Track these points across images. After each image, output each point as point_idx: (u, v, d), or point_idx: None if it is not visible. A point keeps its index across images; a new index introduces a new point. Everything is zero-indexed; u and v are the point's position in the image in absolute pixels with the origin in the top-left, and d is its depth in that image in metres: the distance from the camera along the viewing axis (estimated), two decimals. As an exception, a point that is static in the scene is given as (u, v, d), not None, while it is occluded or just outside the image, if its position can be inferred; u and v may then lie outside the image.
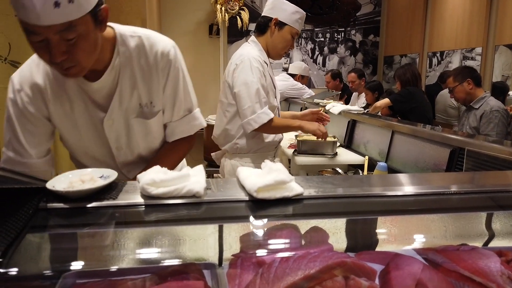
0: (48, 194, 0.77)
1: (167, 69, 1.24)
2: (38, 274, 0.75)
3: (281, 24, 2.08)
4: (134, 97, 1.21)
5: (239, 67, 1.99)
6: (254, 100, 1.94)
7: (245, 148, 2.08)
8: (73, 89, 1.16)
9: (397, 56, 6.13)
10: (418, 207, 0.92)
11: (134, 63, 1.19)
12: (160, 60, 1.21)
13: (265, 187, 0.83)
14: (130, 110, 1.22)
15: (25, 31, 0.96)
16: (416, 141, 2.01)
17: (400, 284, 0.88)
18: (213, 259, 0.88)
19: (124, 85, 1.19)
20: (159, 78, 1.23)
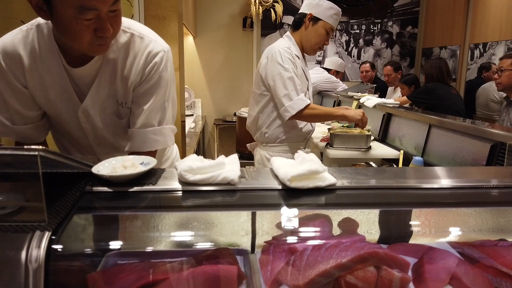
0: (93, 178, 0.82)
1: (149, 72, 1.15)
2: (84, 253, 0.81)
3: (316, 19, 2.11)
4: (111, 92, 1.16)
5: (269, 59, 2.02)
6: (289, 88, 1.96)
7: (273, 138, 2.11)
8: (58, 71, 1.11)
9: (436, 48, 5.90)
10: (454, 200, 0.91)
11: (119, 59, 1.14)
12: (144, 61, 1.15)
13: (298, 177, 0.85)
14: (106, 104, 1.17)
15: (78, 11, 0.94)
16: (455, 135, 1.95)
17: (434, 278, 0.87)
18: (246, 245, 0.91)
19: (104, 78, 1.14)
20: (137, 78, 1.15)
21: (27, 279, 0.61)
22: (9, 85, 1.11)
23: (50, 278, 0.62)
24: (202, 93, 5.52)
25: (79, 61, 1.11)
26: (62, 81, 1.12)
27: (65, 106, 1.16)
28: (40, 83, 1.12)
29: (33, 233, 0.64)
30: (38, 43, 1.10)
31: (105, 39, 1.02)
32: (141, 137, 1.18)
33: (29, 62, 1.10)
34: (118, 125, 1.22)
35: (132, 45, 1.14)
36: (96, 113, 1.17)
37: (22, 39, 1.10)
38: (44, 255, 0.62)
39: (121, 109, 1.18)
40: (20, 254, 0.61)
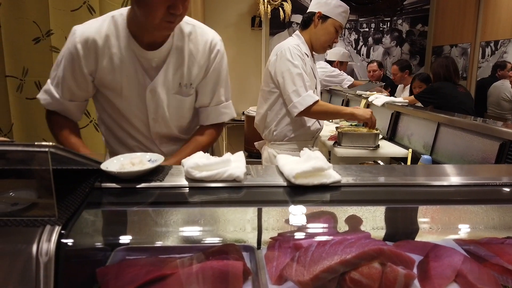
0: (102, 174, 0.84)
1: (214, 59, 1.37)
2: (92, 247, 0.82)
3: (324, 17, 2.12)
4: (177, 75, 1.33)
5: (279, 56, 2.03)
6: (298, 84, 1.97)
7: (281, 136, 2.11)
8: (129, 54, 1.27)
9: (446, 46, 5.85)
10: (460, 198, 0.90)
11: (185, 46, 1.32)
12: (209, 49, 1.35)
13: (303, 174, 0.86)
14: (171, 86, 1.34)
15: None
16: (464, 133, 1.93)
17: (439, 275, 0.87)
18: (252, 242, 0.92)
19: (172, 62, 1.31)
20: (204, 64, 1.36)
21: (38, 272, 0.62)
22: (77, 69, 1.27)
23: (60, 271, 0.64)
24: (211, 92, 5.53)
25: (149, 47, 1.27)
26: (133, 64, 1.28)
27: (133, 85, 1.31)
28: (111, 66, 1.28)
29: (43, 228, 0.66)
30: (112, 31, 1.26)
31: (175, 17, 1.16)
32: (216, 112, 1.44)
33: (102, 48, 1.26)
34: (180, 103, 1.39)
35: (195, 34, 1.34)
36: (163, 92, 1.33)
37: (99, 28, 1.27)
38: (54, 248, 0.63)
39: (185, 90, 1.37)
40: (31, 248, 0.63)
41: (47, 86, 1.33)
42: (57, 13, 1.79)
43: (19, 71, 1.85)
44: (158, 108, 1.36)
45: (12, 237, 0.65)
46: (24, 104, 1.89)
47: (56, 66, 1.32)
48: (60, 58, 1.30)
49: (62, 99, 1.32)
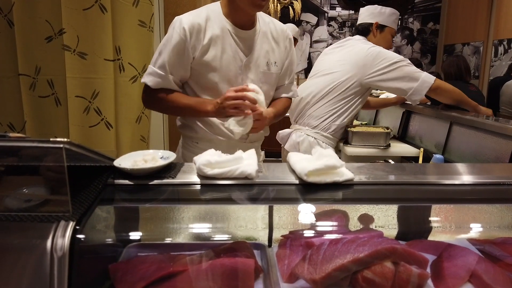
0: (115, 171, 0.85)
1: (290, 44, 1.63)
2: (105, 243, 0.83)
3: (382, 26, 2.25)
4: (265, 54, 1.53)
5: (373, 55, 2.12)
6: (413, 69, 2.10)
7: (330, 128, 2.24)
8: (225, 33, 1.45)
9: (458, 45, 5.78)
10: (474, 197, 0.89)
11: (268, 31, 1.54)
12: (284, 36, 1.59)
13: (316, 171, 0.85)
14: (261, 64, 1.53)
15: None
16: (477, 133, 1.90)
17: (453, 275, 0.86)
18: (263, 239, 0.92)
19: (260, 44, 1.51)
20: (284, 47, 1.60)
21: (52, 267, 0.63)
22: (184, 53, 1.41)
23: (74, 266, 0.64)
24: (220, 91, 5.54)
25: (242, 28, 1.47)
26: (229, 42, 1.46)
27: (230, 60, 1.47)
28: (211, 44, 1.43)
29: (58, 223, 0.66)
30: (209, 16, 1.44)
31: None
32: (289, 88, 1.70)
33: (204, 29, 1.42)
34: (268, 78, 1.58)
35: (273, 23, 1.58)
36: (254, 68, 1.52)
37: (199, 13, 1.44)
38: (69, 243, 0.64)
39: (272, 67, 1.57)
40: (45, 243, 0.64)
41: (150, 70, 1.45)
42: (70, 12, 1.80)
43: (32, 70, 1.87)
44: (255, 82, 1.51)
45: (27, 233, 0.66)
46: (37, 102, 1.90)
47: (160, 52, 1.44)
48: (164, 44, 1.43)
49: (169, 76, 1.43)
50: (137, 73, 1.95)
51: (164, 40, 1.46)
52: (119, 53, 1.90)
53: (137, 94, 1.96)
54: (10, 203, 0.74)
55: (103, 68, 1.87)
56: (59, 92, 1.90)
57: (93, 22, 1.81)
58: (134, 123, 2.00)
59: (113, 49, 1.87)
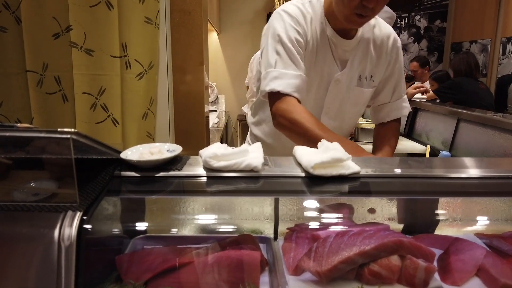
0: (122, 163, 0.85)
1: (395, 55, 1.37)
2: (112, 234, 0.83)
3: None
4: (360, 67, 1.34)
5: None
6: None
7: None
8: (323, 39, 1.28)
9: (466, 43, 5.73)
10: (482, 190, 0.88)
11: (370, 39, 1.33)
12: (390, 44, 1.36)
13: (322, 164, 0.85)
14: (353, 77, 1.34)
15: None
16: (485, 129, 1.89)
17: (461, 269, 0.86)
18: (269, 232, 0.92)
19: (359, 53, 1.33)
20: (385, 59, 1.36)
21: (59, 256, 0.63)
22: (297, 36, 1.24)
23: (81, 256, 0.65)
24: (226, 89, 5.56)
25: (342, 35, 1.29)
26: (325, 50, 1.29)
27: (320, 71, 1.31)
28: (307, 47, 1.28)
29: (65, 213, 0.67)
30: (311, 14, 1.28)
31: (367, 11, 1.14)
32: (397, 106, 1.44)
33: (305, 27, 1.26)
34: (359, 95, 1.38)
35: (378, 27, 1.35)
36: (346, 83, 1.34)
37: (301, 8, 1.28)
38: (76, 233, 0.64)
39: (365, 82, 1.37)
40: (53, 232, 0.64)
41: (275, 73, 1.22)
42: (77, 9, 1.81)
43: (39, 66, 1.88)
44: (335, 99, 1.35)
45: (35, 222, 0.67)
46: (44, 99, 1.92)
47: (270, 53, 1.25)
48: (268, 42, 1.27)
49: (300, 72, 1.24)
50: (143, 69, 1.96)
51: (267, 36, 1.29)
52: (125, 50, 1.91)
53: (143, 90, 1.97)
54: (18, 197, 0.74)
55: (109, 64, 1.88)
56: (66, 89, 1.91)
57: (100, 19, 1.82)
58: (141, 119, 2.01)
59: (119, 45, 1.88)
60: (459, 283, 0.82)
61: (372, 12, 1.15)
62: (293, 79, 1.21)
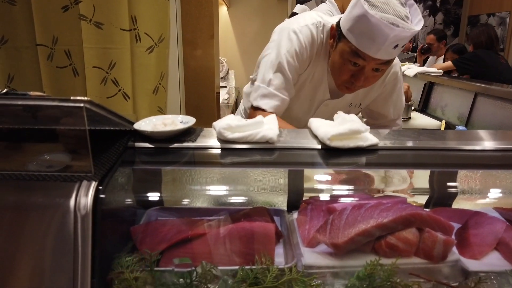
0: (135, 134, 0.84)
1: (391, 86, 1.41)
2: (127, 205, 0.83)
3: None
4: (353, 98, 1.39)
5: None
6: None
7: None
8: (322, 67, 1.31)
9: (483, 16, 5.54)
10: (500, 162, 0.86)
11: None
12: (389, 75, 1.38)
13: (339, 136, 0.83)
14: (342, 105, 1.40)
15: (349, 54, 1.14)
16: (503, 103, 1.84)
17: (480, 243, 0.84)
18: (283, 205, 0.91)
19: None
20: (378, 90, 1.40)
21: (76, 225, 0.63)
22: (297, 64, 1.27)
23: (97, 225, 0.64)
24: (236, 65, 5.49)
25: None
26: (323, 76, 1.33)
27: (314, 93, 1.36)
28: (306, 76, 1.32)
29: (80, 183, 0.66)
30: (321, 40, 1.28)
31: (355, 86, 1.21)
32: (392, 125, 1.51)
33: (309, 56, 1.28)
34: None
35: None
36: (333, 107, 1.38)
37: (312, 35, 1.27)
38: (92, 203, 0.64)
39: (353, 109, 1.44)
40: (69, 202, 0.64)
41: (265, 91, 1.27)
42: (85, -20, 1.77)
43: (49, 40, 1.86)
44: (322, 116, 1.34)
45: (51, 192, 0.66)
46: (55, 73, 1.90)
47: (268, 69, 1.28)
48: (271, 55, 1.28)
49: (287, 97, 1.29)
50: (153, 43, 1.93)
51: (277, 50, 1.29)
52: (135, 23, 1.88)
53: (153, 64, 1.94)
54: (33, 169, 0.74)
55: (119, 38, 1.85)
56: (76, 63, 1.89)
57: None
58: (151, 94, 1.99)
59: (129, 18, 1.84)
60: (478, 257, 0.81)
61: (362, 86, 1.23)
62: (279, 102, 1.27)
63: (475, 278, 0.73)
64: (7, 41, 1.85)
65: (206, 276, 0.70)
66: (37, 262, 0.63)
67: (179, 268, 0.72)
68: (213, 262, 0.74)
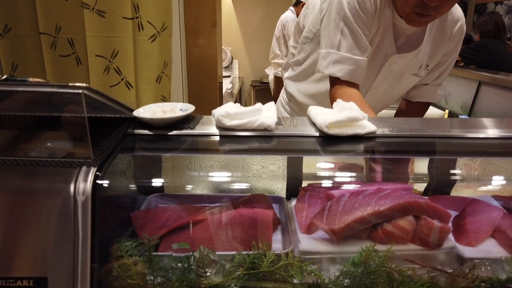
0: (135, 121, 0.85)
1: (456, 43, 1.27)
2: (127, 191, 0.84)
3: None
4: (421, 57, 1.25)
5: None
6: None
7: None
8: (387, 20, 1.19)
9: (490, 4, 5.45)
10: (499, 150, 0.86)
11: (436, 24, 1.22)
12: (455, 31, 1.24)
13: (337, 123, 0.83)
14: (411, 66, 1.26)
15: None
16: (507, 93, 1.82)
17: (476, 230, 0.85)
18: (282, 192, 0.92)
19: (425, 43, 1.22)
20: (445, 45, 1.26)
21: (75, 210, 0.65)
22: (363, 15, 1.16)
23: (97, 211, 0.65)
24: (240, 54, 5.47)
25: None
26: (385, 32, 1.19)
27: (375, 50, 1.22)
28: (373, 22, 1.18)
29: (79, 169, 0.67)
30: None
31: (429, 10, 1.04)
32: (433, 91, 1.37)
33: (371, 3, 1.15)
34: (411, 83, 1.32)
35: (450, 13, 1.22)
36: (400, 69, 1.26)
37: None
38: (91, 188, 0.65)
39: (422, 72, 1.29)
40: (69, 187, 0.65)
41: (336, 56, 1.17)
42: (87, -32, 1.77)
43: (52, 28, 1.87)
44: (385, 81, 1.29)
45: (51, 177, 0.67)
46: (58, 62, 1.92)
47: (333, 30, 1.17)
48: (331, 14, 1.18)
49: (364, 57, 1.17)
50: (156, 32, 1.93)
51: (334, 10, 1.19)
52: (137, 11, 1.87)
53: (156, 53, 1.94)
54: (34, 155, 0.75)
55: (122, 26, 1.85)
56: (79, 51, 1.90)
57: None
58: (155, 83, 1.99)
59: (131, 6, 1.84)
60: (474, 244, 0.81)
61: (435, 11, 1.04)
62: (355, 65, 1.15)
63: (469, 265, 0.73)
64: (11, 30, 1.86)
65: (204, 261, 0.72)
66: (38, 246, 0.64)
67: (177, 253, 0.73)
68: (212, 247, 0.75)
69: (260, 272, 0.71)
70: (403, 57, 1.22)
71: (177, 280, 0.70)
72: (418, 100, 1.39)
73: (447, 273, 0.74)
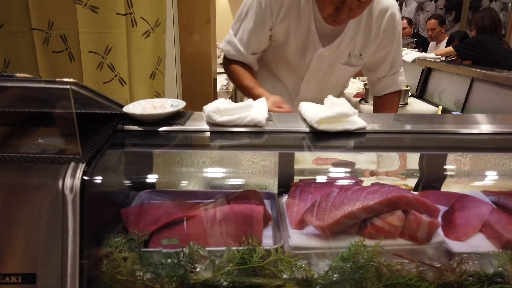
0: (125, 117, 0.85)
1: (391, 32, 1.31)
2: (116, 187, 0.84)
3: None
4: (350, 45, 1.31)
5: None
6: None
7: None
8: (307, 16, 1.26)
9: (485, 1, 5.47)
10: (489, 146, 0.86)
11: (363, 16, 1.26)
12: (386, 19, 1.28)
13: (327, 119, 0.83)
14: (340, 56, 1.33)
15: None
16: (500, 89, 1.83)
17: (465, 224, 0.85)
18: (272, 188, 0.92)
19: (349, 31, 1.28)
20: (378, 35, 1.31)
21: (64, 207, 0.64)
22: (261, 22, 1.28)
23: (86, 207, 0.65)
24: (235, 51, 5.45)
25: None
26: (308, 27, 1.27)
27: (302, 46, 1.31)
28: (288, 25, 1.27)
29: (68, 165, 0.67)
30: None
31: (339, 18, 1.16)
32: (393, 80, 1.43)
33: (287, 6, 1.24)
34: (344, 72, 1.39)
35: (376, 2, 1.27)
36: (330, 60, 1.33)
37: None
38: (79, 184, 0.65)
39: (353, 60, 1.35)
40: (57, 183, 0.65)
41: (230, 38, 1.40)
42: (79, -37, 1.76)
43: (45, 24, 1.85)
44: (317, 73, 1.37)
45: (40, 173, 0.67)
46: (51, 58, 1.90)
47: (240, 19, 1.35)
48: (245, 11, 1.32)
49: (246, 52, 1.36)
50: (149, 27, 1.92)
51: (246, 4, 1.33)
52: (131, 7, 1.86)
53: (150, 49, 1.93)
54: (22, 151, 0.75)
55: (115, 22, 1.84)
56: (72, 48, 1.89)
57: None
58: (148, 79, 1.98)
59: (124, 2, 1.83)
60: (462, 238, 0.82)
61: (348, 17, 1.17)
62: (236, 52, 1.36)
63: (457, 259, 0.74)
64: (3, 26, 1.85)
65: (194, 257, 0.72)
66: (26, 242, 0.64)
67: (167, 249, 0.74)
68: (202, 243, 0.75)
69: (249, 267, 0.71)
70: (329, 49, 1.30)
71: (166, 276, 0.70)
72: (384, 93, 1.45)
73: (435, 267, 0.74)
